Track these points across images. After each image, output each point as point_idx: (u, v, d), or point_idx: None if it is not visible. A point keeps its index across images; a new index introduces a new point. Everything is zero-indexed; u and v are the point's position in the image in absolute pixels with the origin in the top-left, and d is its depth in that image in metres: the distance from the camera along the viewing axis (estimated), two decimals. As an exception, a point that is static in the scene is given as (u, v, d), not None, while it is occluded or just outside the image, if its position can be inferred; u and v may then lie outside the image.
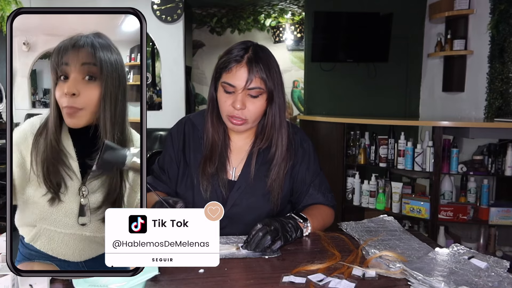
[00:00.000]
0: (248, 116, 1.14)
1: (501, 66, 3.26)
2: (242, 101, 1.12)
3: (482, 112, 3.47)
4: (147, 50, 3.92)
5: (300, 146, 1.27)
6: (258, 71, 1.11)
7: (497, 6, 3.27)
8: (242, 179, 1.21)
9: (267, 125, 1.19)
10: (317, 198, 1.26)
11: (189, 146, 1.25)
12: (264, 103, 1.16)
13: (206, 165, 1.19)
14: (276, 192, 1.21)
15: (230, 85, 1.12)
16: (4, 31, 2.65)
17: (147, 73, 4.15)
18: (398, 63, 4.30)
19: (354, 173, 3.18)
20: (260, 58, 1.13)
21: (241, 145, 1.25)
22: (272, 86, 1.15)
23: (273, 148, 1.20)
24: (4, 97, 1.73)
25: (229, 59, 1.13)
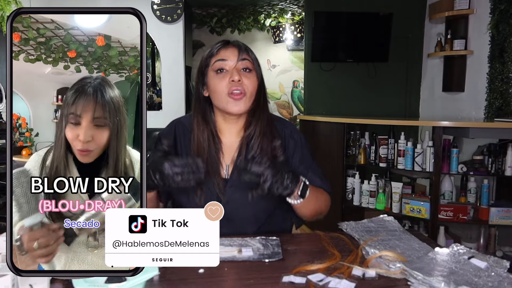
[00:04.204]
0: (245, 88, 1.17)
1: (501, 66, 3.25)
2: (238, 73, 1.16)
3: (482, 112, 3.47)
4: (147, 50, 3.92)
5: (291, 138, 1.27)
6: (246, 50, 1.19)
7: (497, 6, 3.27)
8: (234, 175, 1.21)
9: (254, 108, 1.21)
10: (315, 181, 1.24)
11: (181, 148, 1.25)
12: (256, 81, 1.20)
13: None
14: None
15: (223, 60, 1.17)
16: (4, 31, 2.65)
17: (147, 73, 4.15)
18: (398, 63, 4.30)
19: (354, 173, 3.18)
20: (244, 45, 1.21)
21: (232, 142, 1.25)
22: (259, 71, 1.22)
23: (252, 124, 1.21)
24: (4, 97, 1.74)
25: (213, 48, 1.19)
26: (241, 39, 6.19)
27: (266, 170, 1.02)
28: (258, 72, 1.21)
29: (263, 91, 1.23)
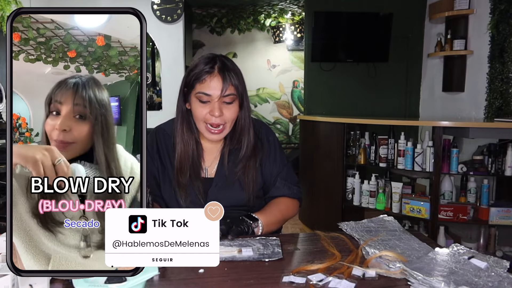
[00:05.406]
0: (225, 120, 1.22)
1: (501, 66, 3.26)
2: (219, 108, 1.19)
3: (482, 112, 3.47)
4: (147, 50, 3.92)
5: (266, 140, 1.35)
6: (231, 78, 1.20)
7: (497, 6, 3.27)
8: (218, 176, 1.28)
9: (238, 128, 1.28)
10: (283, 191, 1.33)
11: (163, 154, 1.31)
12: (237, 108, 1.24)
13: (178, 176, 1.26)
14: (250, 186, 1.28)
15: (206, 94, 1.19)
16: (4, 31, 2.64)
17: (147, 73, 4.15)
18: (398, 63, 4.30)
19: (354, 173, 3.18)
20: (229, 67, 1.21)
21: (212, 147, 1.32)
22: (242, 91, 1.24)
23: (243, 147, 1.29)
24: (4, 97, 1.74)
25: (200, 71, 1.20)
26: (241, 39, 6.25)
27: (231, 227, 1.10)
28: (241, 96, 1.24)
29: (246, 107, 1.27)
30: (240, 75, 1.23)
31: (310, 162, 3.69)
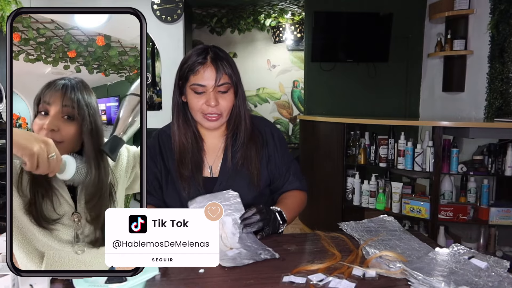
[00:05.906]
0: (222, 110, 1.22)
1: (501, 66, 3.25)
2: (215, 98, 1.19)
3: (482, 112, 3.47)
4: (147, 50, 3.92)
5: (271, 136, 1.35)
6: (224, 68, 1.19)
7: (497, 6, 3.27)
8: (222, 175, 1.27)
9: (234, 115, 1.28)
10: (295, 185, 1.36)
11: (167, 156, 1.30)
12: (233, 97, 1.24)
13: (180, 168, 1.25)
14: (254, 175, 1.27)
15: (200, 85, 1.19)
16: (4, 31, 2.64)
17: (147, 73, 4.15)
18: (398, 63, 4.30)
19: (354, 173, 3.18)
20: (222, 57, 1.21)
21: (215, 144, 1.31)
22: (236, 80, 1.23)
23: (240, 134, 1.28)
24: (4, 97, 1.73)
25: (193, 62, 1.20)
26: (241, 39, 6.24)
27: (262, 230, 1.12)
28: (235, 84, 1.24)
29: (241, 96, 1.27)
30: (233, 64, 1.23)
31: (310, 162, 3.69)
